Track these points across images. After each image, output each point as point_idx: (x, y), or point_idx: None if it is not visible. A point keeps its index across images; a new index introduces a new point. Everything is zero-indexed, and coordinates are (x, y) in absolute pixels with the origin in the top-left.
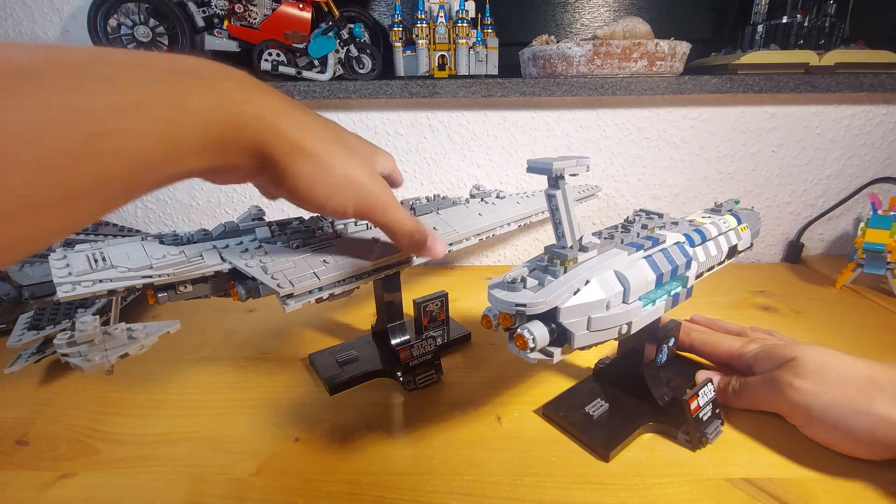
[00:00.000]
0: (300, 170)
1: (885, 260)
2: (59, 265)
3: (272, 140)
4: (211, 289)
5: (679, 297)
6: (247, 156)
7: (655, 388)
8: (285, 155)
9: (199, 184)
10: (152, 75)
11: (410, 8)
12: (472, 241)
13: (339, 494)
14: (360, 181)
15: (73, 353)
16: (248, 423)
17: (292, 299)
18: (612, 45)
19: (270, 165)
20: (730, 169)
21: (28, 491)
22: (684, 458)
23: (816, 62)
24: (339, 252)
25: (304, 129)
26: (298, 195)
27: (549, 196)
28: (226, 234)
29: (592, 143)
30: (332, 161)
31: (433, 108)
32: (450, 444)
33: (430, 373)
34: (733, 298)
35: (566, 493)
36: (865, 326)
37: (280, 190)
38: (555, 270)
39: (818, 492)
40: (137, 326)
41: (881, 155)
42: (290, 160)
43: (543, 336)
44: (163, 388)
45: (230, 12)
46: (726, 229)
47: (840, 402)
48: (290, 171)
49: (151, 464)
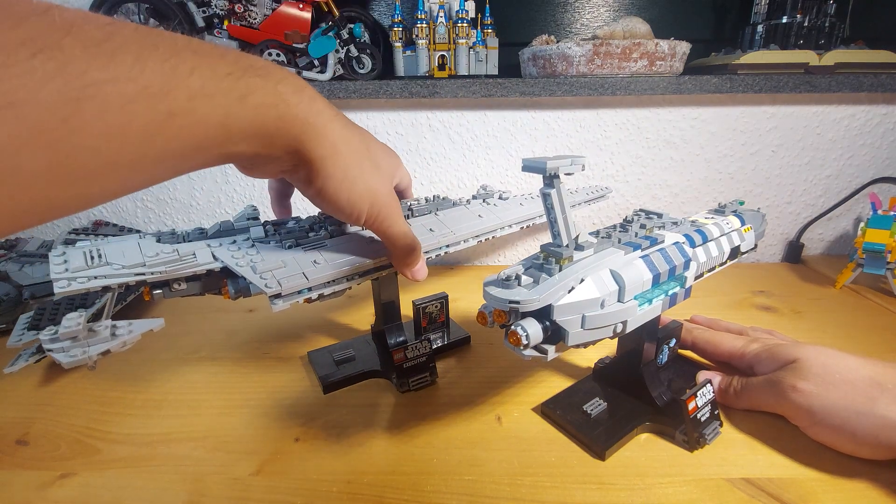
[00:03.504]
0: (331, 172)
1: (885, 260)
2: (58, 261)
3: (312, 141)
4: (203, 287)
5: (677, 297)
6: (288, 151)
7: (654, 387)
8: (321, 157)
9: (199, 184)
10: (224, 69)
11: (410, 8)
12: (471, 244)
13: (339, 494)
14: (379, 193)
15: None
16: (248, 422)
17: (280, 299)
18: (612, 45)
19: (306, 164)
20: (730, 169)
21: (28, 491)
22: (684, 458)
23: (816, 62)
24: (332, 252)
25: (342, 137)
26: (323, 195)
27: (544, 195)
28: (221, 233)
29: (592, 143)
30: (358, 172)
31: (433, 108)
32: (449, 443)
33: (424, 375)
34: (733, 298)
35: (566, 493)
36: (865, 326)
37: (309, 188)
38: (550, 268)
39: (818, 492)
40: (122, 324)
41: (881, 155)
42: (324, 163)
43: (537, 333)
44: (163, 388)
45: (230, 12)
46: (729, 230)
47: (843, 404)
48: (321, 173)
49: (151, 464)
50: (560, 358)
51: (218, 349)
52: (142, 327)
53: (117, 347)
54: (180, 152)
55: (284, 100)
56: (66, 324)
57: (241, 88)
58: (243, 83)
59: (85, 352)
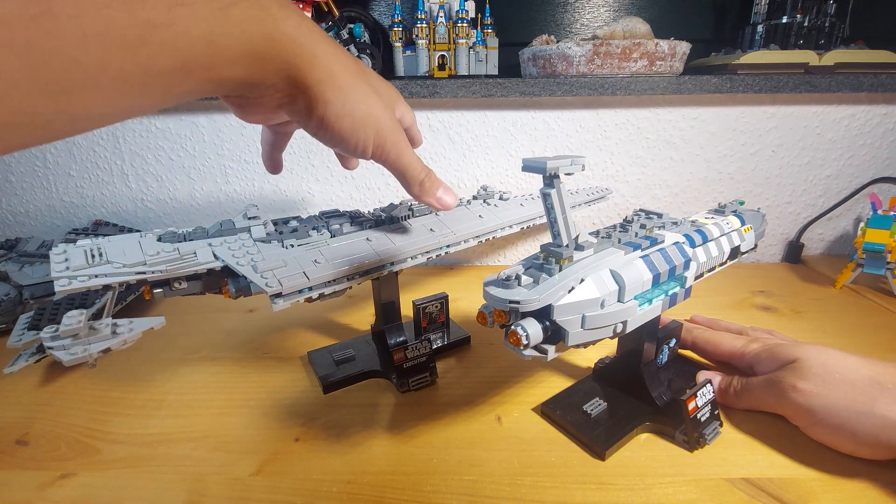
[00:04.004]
0: (330, 98)
1: (885, 260)
2: (58, 260)
3: (307, 63)
4: (204, 286)
5: (677, 297)
6: (282, 76)
7: (654, 387)
8: (318, 81)
9: (199, 184)
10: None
11: (410, 8)
12: (471, 244)
13: (339, 494)
14: (381, 119)
15: (56, 346)
16: (248, 422)
17: (280, 298)
18: (612, 45)
19: (303, 92)
20: (730, 169)
21: (28, 491)
22: (684, 458)
23: (816, 62)
24: (332, 252)
25: (336, 59)
26: (326, 125)
27: (544, 195)
28: (222, 232)
29: (592, 143)
30: (359, 95)
31: (433, 108)
32: (449, 443)
33: (424, 375)
34: (733, 298)
35: (566, 493)
36: (865, 326)
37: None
38: (550, 268)
39: (818, 492)
40: (122, 322)
41: (881, 155)
42: (321, 87)
43: (537, 333)
44: (163, 388)
45: None
46: (729, 230)
47: (844, 404)
48: (321, 99)
49: (151, 464)
50: (560, 358)
51: (218, 349)
52: (142, 325)
53: (118, 345)
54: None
55: (271, 14)
56: (67, 321)
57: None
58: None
59: (86, 350)
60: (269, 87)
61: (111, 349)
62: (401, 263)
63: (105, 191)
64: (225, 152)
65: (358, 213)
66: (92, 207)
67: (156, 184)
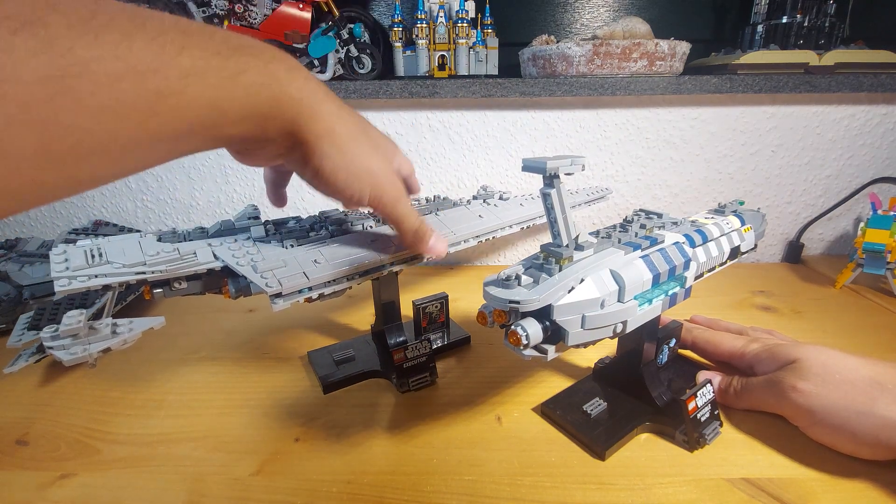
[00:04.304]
0: (327, 152)
1: (885, 260)
2: (58, 260)
3: (307, 121)
4: (204, 286)
5: (677, 297)
6: (282, 132)
7: (654, 387)
8: (316, 136)
9: (199, 184)
10: (214, 47)
11: (410, 8)
12: (471, 244)
13: (339, 494)
14: (378, 173)
15: (56, 346)
16: (248, 422)
17: (280, 298)
18: (611, 45)
19: (301, 144)
20: (730, 169)
21: (28, 491)
22: (684, 458)
23: (816, 62)
24: (332, 252)
25: (337, 116)
26: (321, 176)
27: (544, 195)
28: (222, 232)
29: (592, 143)
30: (357, 150)
31: (433, 108)
32: (449, 443)
33: (424, 375)
34: (733, 298)
35: (566, 493)
36: (865, 326)
37: (305, 169)
38: (550, 268)
39: (818, 492)
40: (123, 321)
41: (881, 155)
42: (319, 142)
43: (537, 333)
44: (163, 388)
45: (230, 12)
46: (729, 230)
47: (844, 404)
48: (317, 152)
49: (151, 464)
50: (560, 358)
51: (218, 349)
52: (142, 325)
53: (118, 345)
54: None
55: (277, 79)
56: (67, 321)
57: (232, 67)
58: (234, 62)
59: (86, 349)
60: (270, 141)
61: (111, 349)
62: (401, 263)
63: (105, 191)
64: (225, 152)
65: (358, 213)
66: (92, 207)
67: (156, 184)
